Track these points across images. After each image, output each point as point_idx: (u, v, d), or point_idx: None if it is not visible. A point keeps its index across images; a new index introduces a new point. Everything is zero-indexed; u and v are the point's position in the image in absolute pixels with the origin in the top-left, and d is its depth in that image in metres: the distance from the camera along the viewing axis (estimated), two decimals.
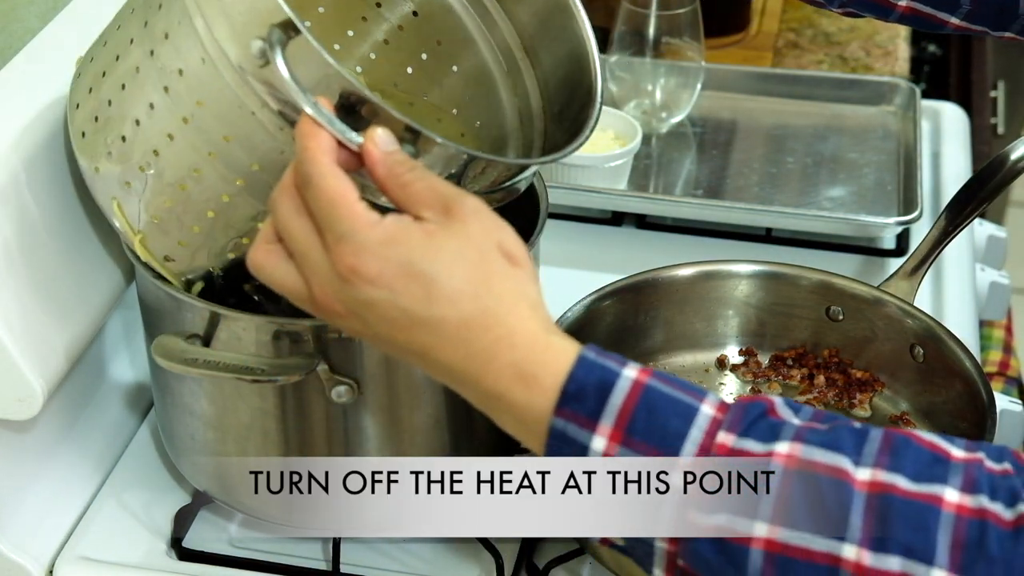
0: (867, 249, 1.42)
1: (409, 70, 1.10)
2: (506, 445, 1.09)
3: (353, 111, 0.84)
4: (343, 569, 1.07)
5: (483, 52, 1.08)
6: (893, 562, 0.70)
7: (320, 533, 1.09)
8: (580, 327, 1.15)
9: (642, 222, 1.44)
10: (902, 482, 0.72)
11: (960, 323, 1.30)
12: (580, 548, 1.06)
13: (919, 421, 1.15)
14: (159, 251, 0.98)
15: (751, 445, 0.74)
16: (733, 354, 1.22)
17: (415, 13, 1.09)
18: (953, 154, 1.56)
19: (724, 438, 0.74)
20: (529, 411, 0.76)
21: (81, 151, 0.99)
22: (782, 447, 0.73)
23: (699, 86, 1.51)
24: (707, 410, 0.75)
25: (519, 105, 1.07)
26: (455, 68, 1.09)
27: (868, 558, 0.71)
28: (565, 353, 0.76)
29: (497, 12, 1.08)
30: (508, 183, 0.94)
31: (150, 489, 1.14)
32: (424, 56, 1.09)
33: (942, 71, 1.83)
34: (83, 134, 0.98)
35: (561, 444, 0.75)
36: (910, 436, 0.74)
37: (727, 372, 1.21)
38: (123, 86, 0.94)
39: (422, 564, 1.08)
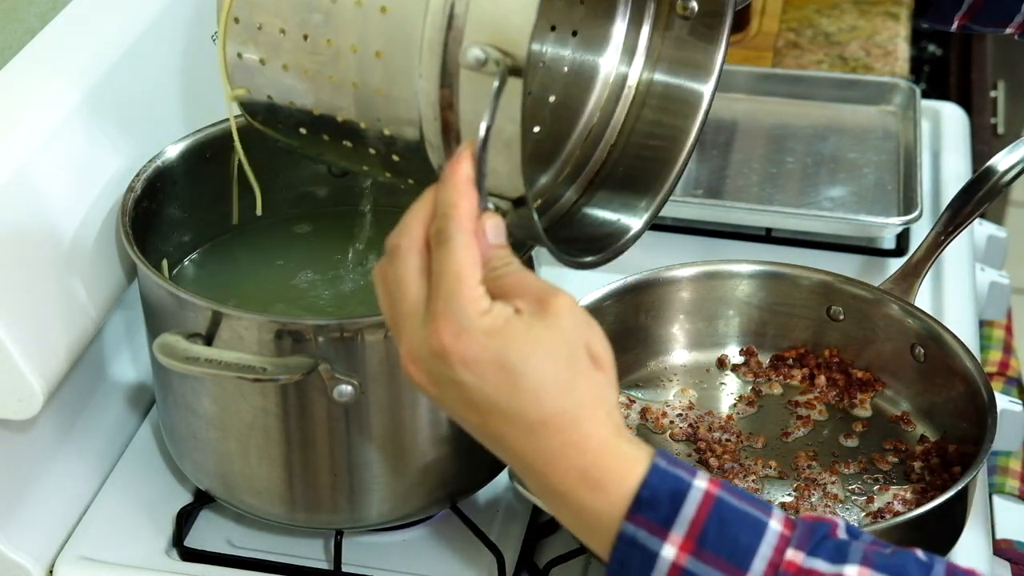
0: (867, 249, 1.42)
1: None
2: None
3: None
4: (345, 569, 1.07)
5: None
6: None
7: (323, 527, 1.09)
8: None
9: None
10: None
11: (960, 323, 1.30)
12: (580, 548, 1.06)
13: (919, 421, 1.15)
14: (239, 46, 0.96)
15: (820, 565, 0.74)
16: (734, 354, 1.22)
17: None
18: (953, 154, 1.56)
19: (793, 555, 0.75)
20: (593, 514, 0.76)
21: None
22: (851, 569, 0.74)
23: None
24: (775, 526, 0.75)
25: (591, 137, 1.07)
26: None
27: None
28: (635, 461, 0.76)
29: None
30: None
31: (151, 488, 1.14)
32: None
33: (942, 71, 1.83)
34: None
35: (629, 548, 0.75)
36: (972, 573, 0.75)
37: (728, 372, 1.21)
38: None
39: (423, 564, 1.08)
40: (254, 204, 1.16)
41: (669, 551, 0.74)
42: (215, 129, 1.14)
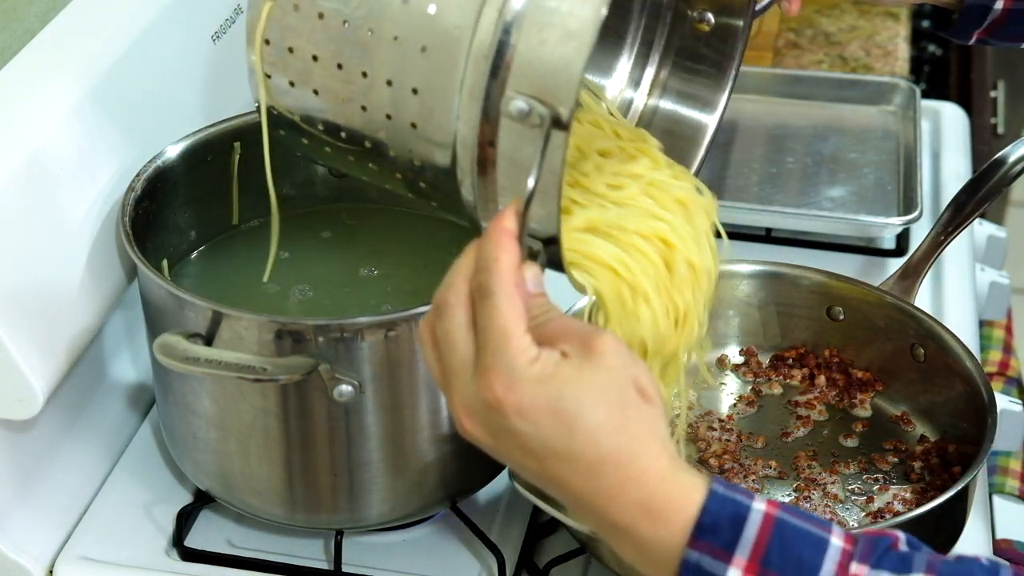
0: (867, 249, 1.42)
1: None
2: None
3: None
4: (345, 569, 1.07)
5: None
6: None
7: (323, 527, 1.09)
8: None
9: None
10: None
11: (960, 323, 1.30)
12: (581, 548, 1.06)
13: (919, 421, 1.15)
14: (267, 67, 0.95)
15: None
16: (734, 354, 1.22)
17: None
18: (953, 154, 1.56)
19: (857, 569, 0.75)
20: (655, 545, 0.77)
21: None
22: None
23: None
24: (837, 542, 0.76)
25: None
26: None
27: None
28: (693, 489, 0.77)
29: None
30: None
31: (151, 488, 1.14)
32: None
33: (942, 71, 1.83)
34: None
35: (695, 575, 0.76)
36: None
37: (728, 372, 1.21)
38: None
39: (423, 564, 1.08)
40: (254, 204, 1.17)
41: (734, 574, 0.75)
42: (215, 129, 1.14)
